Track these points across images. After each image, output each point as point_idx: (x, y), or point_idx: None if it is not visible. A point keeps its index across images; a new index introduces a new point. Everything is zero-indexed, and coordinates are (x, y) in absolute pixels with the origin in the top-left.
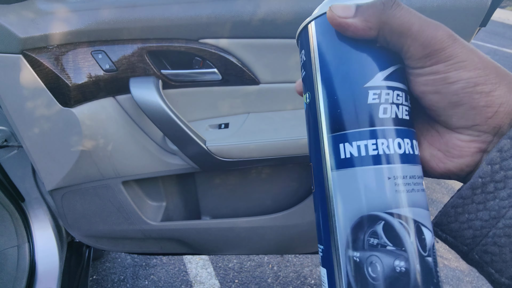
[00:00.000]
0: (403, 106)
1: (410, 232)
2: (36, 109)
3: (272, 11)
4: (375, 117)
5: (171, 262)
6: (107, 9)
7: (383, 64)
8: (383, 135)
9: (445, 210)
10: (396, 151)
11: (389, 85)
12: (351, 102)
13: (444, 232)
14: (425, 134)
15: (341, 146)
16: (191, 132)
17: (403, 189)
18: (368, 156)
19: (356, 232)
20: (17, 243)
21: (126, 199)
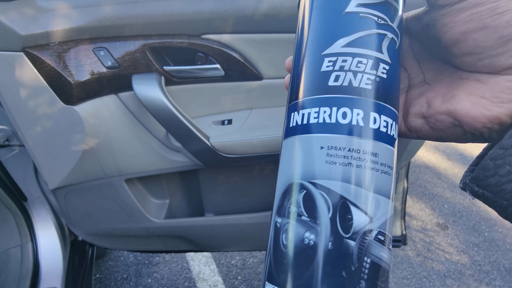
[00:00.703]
0: (364, 74)
1: (331, 207)
2: (38, 107)
3: (274, 6)
4: (325, 85)
5: (174, 259)
6: (108, 5)
7: (348, 30)
8: (327, 103)
9: (483, 163)
10: (338, 120)
11: (350, 52)
12: (308, 71)
13: (481, 188)
14: (460, 86)
15: (291, 115)
16: (194, 128)
17: (337, 161)
18: (308, 124)
19: (283, 199)
20: (20, 242)
21: (130, 197)
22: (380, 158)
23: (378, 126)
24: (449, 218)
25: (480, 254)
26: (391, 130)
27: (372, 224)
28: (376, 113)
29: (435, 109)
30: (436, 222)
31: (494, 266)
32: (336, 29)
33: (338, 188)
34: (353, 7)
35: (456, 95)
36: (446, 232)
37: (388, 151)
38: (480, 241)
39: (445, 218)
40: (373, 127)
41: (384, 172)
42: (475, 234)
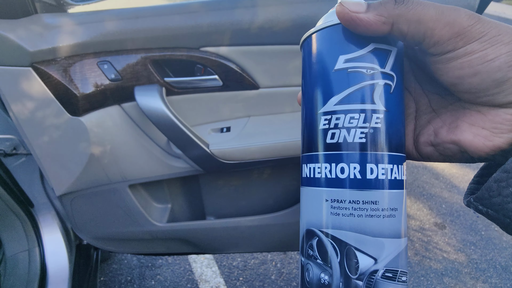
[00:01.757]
0: (358, 129)
1: (338, 252)
2: (45, 119)
3: (269, 19)
4: (323, 142)
5: (177, 262)
6: (111, 21)
7: (338, 87)
8: (327, 160)
9: (488, 184)
10: (337, 175)
11: (343, 109)
12: (310, 128)
13: (485, 206)
14: (463, 116)
15: (303, 166)
16: (194, 136)
17: (340, 212)
18: (313, 178)
19: (303, 241)
20: (27, 247)
21: (133, 202)
22: (381, 205)
23: (376, 176)
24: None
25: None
26: (392, 175)
27: (378, 264)
28: (373, 163)
29: (442, 138)
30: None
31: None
32: (328, 87)
33: (344, 236)
34: (341, 64)
35: (459, 125)
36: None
37: (389, 195)
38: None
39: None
40: (371, 177)
41: (387, 216)
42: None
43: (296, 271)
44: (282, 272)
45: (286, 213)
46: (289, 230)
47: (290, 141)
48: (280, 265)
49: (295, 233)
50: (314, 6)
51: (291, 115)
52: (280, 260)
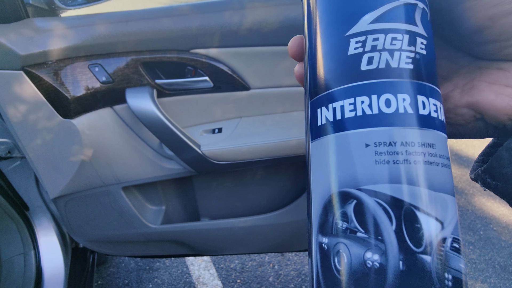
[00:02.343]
0: (402, 53)
1: (393, 217)
2: (37, 122)
3: (258, 21)
4: (356, 71)
5: (174, 264)
6: (101, 24)
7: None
8: (364, 92)
9: (499, 153)
10: (382, 110)
11: (381, 28)
12: (330, 57)
13: (494, 179)
14: (480, 76)
15: (318, 111)
16: (185, 137)
17: (390, 159)
18: (343, 119)
19: (326, 213)
20: (23, 250)
21: (127, 204)
22: (438, 149)
23: (428, 112)
24: None
25: (476, 252)
26: (441, 115)
27: (445, 230)
28: (424, 96)
29: (454, 102)
30: None
31: (489, 263)
32: (358, 4)
33: (398, 193)
34: None
35: (476, 85)
36: None
37: (443, 140)
38: (476, 240)
39: None
40: (423, 113)
41: (444, 165)
42: (470, 233)
43: (294, 273)
44: (280, 274)
45: (280, 213)
46: (283, 231)
47: (281, 141)
48: (278, 267)
49: (289, 233)
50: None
51: (282, 116)
52: (277, 262)
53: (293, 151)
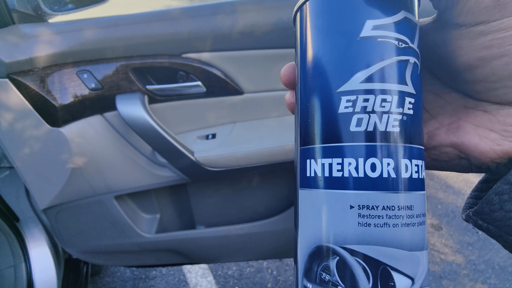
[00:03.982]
0: (390, 115)
1: (370, 275)
2: (25, 131)
3: (250, 24)
4: (345, 131)
5: (171, 273)
6: (90, 29)
7: (366, 60)
8: (352, 154)
9: (488, 197)
10: (367, 174)
11: (372, 88)
12: (322, 111)
13: (486, 222)
14: (466, 116)
15: (307, 162)
16: (178, 144)
17: (371, 222)
18: (331, 177)
19: (311, 262)
20: (13, 263)
21: (120, 213)
22: (415, 210)
23: (410, 174)
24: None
25: (475, 253)
26: (422, 173)
27: (415, 285)
28: (407, 159)
29: (439, 141)
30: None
31: (488, 264)
32: (351, 59)
33: (376, 254)
34: (369, 31)
35: (461, 126)
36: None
37: (421, 198)
38: (474, 240)
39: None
40: (405, 176)
41: (420, 224)
42: (469, 234)
43: (292, 278)
44: (279, 279)
45: (276, 220)
46: (280, 237)
47: (276, 146)
48: (276, 272)
49: (286, 240)
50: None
51: (277, 120)
52: (276, 267)
53: (289, 156)
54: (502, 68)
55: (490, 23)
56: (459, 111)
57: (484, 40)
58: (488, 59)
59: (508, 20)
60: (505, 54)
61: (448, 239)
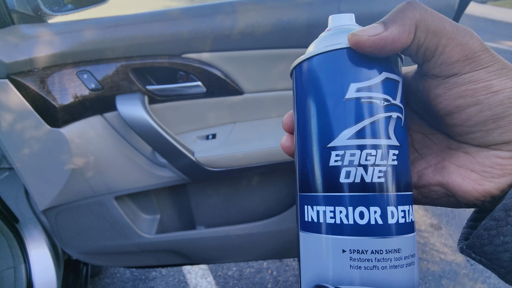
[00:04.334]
0: (375, 167)
1: None
2: (25, 131)
3: (250, 24)
4: (336, 182)
5: (171, 273)
6: (90, 30)
7: (351, 119)
8: (342, 203)
9: (477, 232)
10: (356, 221)
11: (358, 144)
12: (314, 163)
13: (478, 255)
14: (449, 157)
15: (305, 207)
16: (179, 144)
17: (361, 265)
18: (325, 224)
19: None
20: (13, 264)
21: (120, 214)
22: (403, 252)
23: (396, 220)
24: (442, 218)
25: None
26: (409, 216)
27: None
28: (393, 206)
29: (427, 180)
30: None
31: None
32: (338, 118)
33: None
34: (353, 93)
35: (446, 167)
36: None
37: (408, 240)
38: None
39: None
40: (392, 222)
41: (408, 264)
42: None
43: (292, 278)
44: (279, 280)
45: (277, 220)
46: (281, 237)
47: (277, 146)
48: (276, 273)
49: (287, 240)
50: (294, 10)
51: (277, 120)
52: (276, 267)
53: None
54: (476, 115)
55: (462, 75)
56: (444, 152)
57: (458, 90)
58: (463, 106)
59: (478, 73)
60: (478, 103)
61: (448, 239)
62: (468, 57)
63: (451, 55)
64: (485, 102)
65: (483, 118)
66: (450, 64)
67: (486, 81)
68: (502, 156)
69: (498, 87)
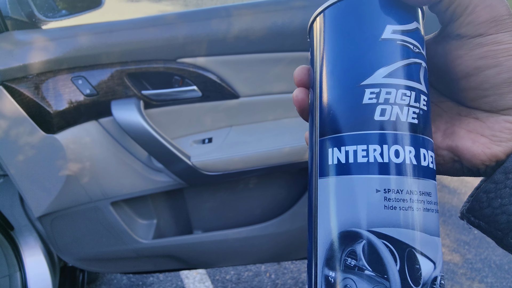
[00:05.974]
0: (410, 108)
1: (398, 258)
2: (19, 138)
3: (245, 28)
4: (370, 120)
5: (168, 279)
6: (85, 35)
7: (387, 58)
8: (376, 141)
9: (477, 195)
10: (391, 159)
11: (393, 83)
12: (345, 102)
13: (477, 218)
14: (460, 123)
15: (329, 151)
16: (175, 149)
17: (397, 205)
18: (356, 163)
19: (334, 249)
20: (8, 272)
21: (116, 219)
22: (433, 197)
23: (427, 163)
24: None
25: (471, 252)
26: (435, 164)
27: (437, 269)
28: (425, 149)
29: (436, 144)
30: None
31: (485, 263)
32: (374, 57)
33: (403, 236)
34: (389, 34)
35: (456, 131)
36: None
37: (435, 188)
38: (470, 239)
39: None
40: (424, 164)
41: (436, 211)
42: (465, 233)
43: (291, 281)
44: (277, 283)
45: (275, 223)
46: (279, 240)
47: (274, 149)
48: (275, 276)
49: (285, 243)
50: (289, 14)
51: (274, 123)
52: (274, 271)
53: (286, 159)
54: (494, 77)
55: (486, 36)
56: (454, 118)
57: (481, 51)
58: (482, 68)
59: (503, 35)
60: (498, 65)
61: (445, 238)
62: (495, 19)
63: (480, 14)
64: (504, 64)
65: (500, 81)
66: (477, 24)
67: (509, 43)
68: (511, 121)
69: None
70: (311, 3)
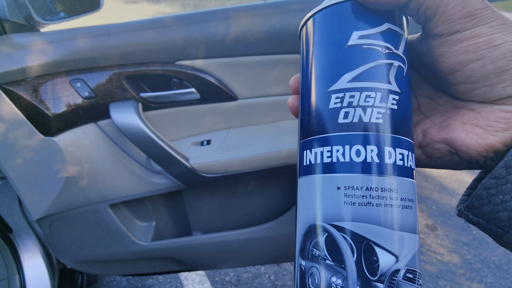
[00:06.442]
0: (373, 109)
1: (355, 249)
2: (17, 140)
3: (243, 31)
4: (334, 123)
5: (167, 280)
6: (83, 38)
7: (352, 64)
8: (339, 142)
9: (477, 192)
10: (352, 159)
11: (357, 86)
12: (316, 107)
13: (476, 216)
14: (454, 115)
15: (304, 152)
16: (173, 151)
17: (356, 201)
18: (322, 163)
19: (305, 241)
20: (6, 275)
21: (115, 221)
22: (400, 193)
23: (394, 161)
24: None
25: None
26: (408, 162)
27: (399, 263)
28: (391, 147)
29: (431, 138)
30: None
31: (484, 263)
32: (340, 64)
33: (360, 230)
34: (356, 40)
35: (451, 124)
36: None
37: (407, 184)
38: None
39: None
40: (389, 162)
41: (406, 207)
42: (464, 233)
43: (290, 283)
44: (277, 284)
45: (273, 225)
46: (278, 242)
47: (272, 151)
48: (274, 277)
49: (284, 244)
50: (286, 17)
51: (272, 125)
52: (273, 272)
53: (285, 161)
54: (479, 70)
55: (464, 31)
56: (449, 111)
57: (461, 46)
58: (466, 62)
59: (480, 28)
60: (481, 58)
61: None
62: (470, 14)
63: (453, 12)
64: (487, 56)
65: (486, 73)
66: (452, 22)
67: (488, 35)
68: (506, 110)
69: (500, 41)
70: (308, 6)
